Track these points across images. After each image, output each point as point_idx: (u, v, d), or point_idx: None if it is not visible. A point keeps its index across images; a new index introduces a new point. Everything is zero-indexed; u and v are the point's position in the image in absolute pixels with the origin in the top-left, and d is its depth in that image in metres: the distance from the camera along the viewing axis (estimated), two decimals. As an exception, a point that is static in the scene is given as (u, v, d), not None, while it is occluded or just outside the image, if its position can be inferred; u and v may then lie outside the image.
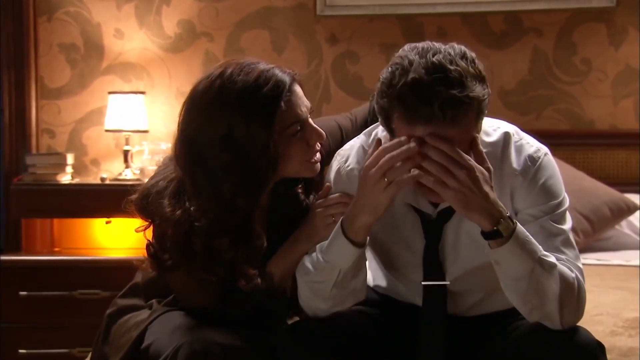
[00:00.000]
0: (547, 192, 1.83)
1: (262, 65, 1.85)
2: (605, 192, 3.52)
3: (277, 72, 1.84)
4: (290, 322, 2.01)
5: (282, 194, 1.96)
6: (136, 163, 3.91)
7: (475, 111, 1.70)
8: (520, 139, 1.88)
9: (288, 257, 1.92)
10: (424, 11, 3.96)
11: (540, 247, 1.74)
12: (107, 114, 3.92)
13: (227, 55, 4.06)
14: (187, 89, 4.22)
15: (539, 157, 1.85)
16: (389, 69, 1.71)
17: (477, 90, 1.67)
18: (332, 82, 4.05)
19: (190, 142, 1.84)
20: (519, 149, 1.86)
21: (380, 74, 1.73)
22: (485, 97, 1.70)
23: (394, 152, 1.70)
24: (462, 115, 1.67)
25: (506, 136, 1.87)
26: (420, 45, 1.72)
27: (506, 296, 1.81)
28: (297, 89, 1.88)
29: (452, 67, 1.65)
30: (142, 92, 3.97)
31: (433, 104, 1.64)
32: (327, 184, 1.93)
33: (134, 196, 1.92)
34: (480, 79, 1.69)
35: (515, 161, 1.84)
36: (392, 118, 1.72)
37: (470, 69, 1.68)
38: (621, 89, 3.96)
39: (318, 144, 1.91)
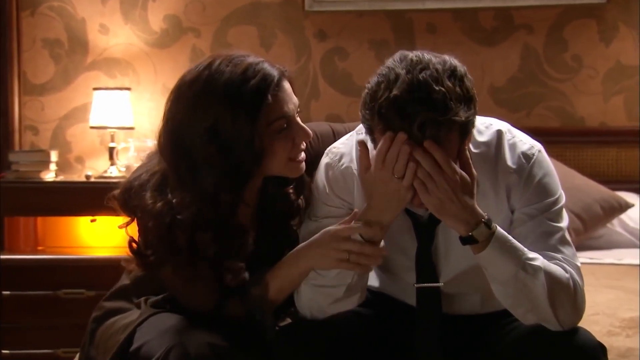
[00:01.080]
0: (543, 190, 1.81)
1: (251, 59, 1.82)
2: (597, 190, 3.50)
3: (266, 66, 1.81)
4: (282, 324, 1.97)
5: (272, 192, 1.92)
6: (122, 160, 3.86)
7: (459, 132, 1.68)
8: (513, 137, 1.85)
9: (290, 271, 1.84)
10: (413, 7, 3.93)
11: (525, 250, 1.72)
12: (91, 110, 3.87)
13: (214, 51, 3.96)
14: (173, 85, 4.16)
15: (533, 155, 1.82)
16: (376, 79, 1.69)
17: (461, 113, 1.64)
18: (321, 78, 4.02)
19: (175, 133, 1.81)
20: (513, 147, 1.83)
21: (367, 81, 1.72)
22: (470, 118, 1.68)
23: (392, 148, 1.68)
24: (443, 136, 1.66)
25: (499, 134, 1.84)
26: (410, 56, 1.69)
27: None
28: (286, 85, 1.84)
29: (436, 88, 1.63)
30: (128, 88, 3.92)
31: (412, 124, 1.63)
32: (355, 210, 1.83)
33: (116, 191, 1.89)
34: (466, 99, 1.67)
35: (509, 159, 1.82)
36: (373, 130, 1.71)
37: (457, 89, 1.65)
38: (611, 85, 3.95)
39: (304, 143, 1.88)
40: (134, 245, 1.86)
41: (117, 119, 3.82)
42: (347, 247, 1.77)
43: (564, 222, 1.83)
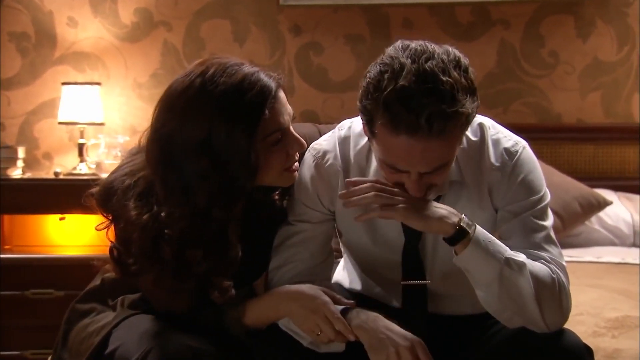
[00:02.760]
0: (527, 188, 1.77)
1: (247, 68, 1.74)
2: (575, 188, 3.48)
3: (262, 76, 1.74)
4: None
5: (259, 201, 1.86)
6: (92, 157, 3.80)
7: (462, 125, 1.63)
8: (497, 132, 1.81)
9: (268, 311, 1.79)
10: (390, 1, 3.89)
11: (506, 247, 1.69)
12: (60, 105, 3.80)
13: (186, 45, 3.96)
14: (144, 80, 4.09)
15: (517, 151, 1.78)
16: (378, 68, 1.63)
17: (467, 105, 1.59)
18: (296, 74, 3.96)
19: (164, 144, 1.73)
20: (496, 143, 1.79)
21: (367, 71, 1.65)
22: (474, 111, 1.63)
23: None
24: (450, 129, 1.60)
25: (481, 128, 1.80)
26: (413, 45, 1.63)
27: None
28: (281, 95, 1.78)
29: (444, 79, 1.57)
30: (98, 83, 3.85)
31: (420, 116, 1.57)
32: (352, 301, 1.79)
33: (95, 189, 1.82)
34: (472, 91, 1.62)
35: (492, 155, 1.78)
36: (375, 123, 1.64)
37: (463, 80, 1.60)
38: (589, 82, 3.95)
39: (297, 153, 1.82)
40: (116, 252, 1.79)
41: (87, 115, 3.75)
42: (324, 328, 1.72)
43: (549, 221, 1.80)
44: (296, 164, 1.82)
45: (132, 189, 1.77)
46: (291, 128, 1.79)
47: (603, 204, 3.47)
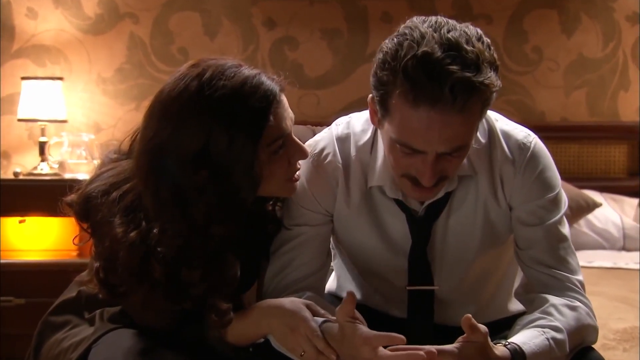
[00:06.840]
0: (543, 184, 1.69)
1: (247, 71, 1.59)
2: (564, 189, 3.34)
3: (265, 79, 1.60)
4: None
5: (253, 211, 1.71)
6: (54, 156, 3.64)
7: (484, 101, 1.51)
8: (506, 124, 1.72)
9: (249, 329, 1.64)
10: (368, -6, 3.81)
11: (547, 331, 1.59)
12: (20, 101, 3.67)
13: (153, 38, 3.83)
14: (109, 74, 3.89)
15: (530, 143, 1.69)
16: (395, 39, 1.51)
17: (492, 77, 1.49)
18: (270, 69, 3.72)
19: (156, 155, 1.58)
20: (507, 135, 1.69)
21: (382, 44, 1.54)
22: (497, 87, 1.52)
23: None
24: (472, 102, 1.48)
25: (488, 121, 1.69)
26: (432, 18, 1.53)
27: (501, 305, 1.78)
28: (284, 99, 1.64)
29: (468, 48, 1.47)
30: (60, 78, 3.72)
31: (444, 85, 1.45)
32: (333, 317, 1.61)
33: (72, 197, 1.67)
34: (495, 67, 1.52)
35: (506, 147, 1.68)
36: (392, 94, 1.51)
37: (487, 53, 1.49)
38: (573, 79, 3.91)
39: (299, 162, 1.69)
40: (101, 273, 1.63)
41: (48, 111, 3.63)
42: (306, 348, 1.57)
43: (567, 227, 1.72)
44: (297, 172, 1.69)
45: (117, 203, 1.61)
46: (293, 135, 1.66)
47: (592, 206, 3.38)
